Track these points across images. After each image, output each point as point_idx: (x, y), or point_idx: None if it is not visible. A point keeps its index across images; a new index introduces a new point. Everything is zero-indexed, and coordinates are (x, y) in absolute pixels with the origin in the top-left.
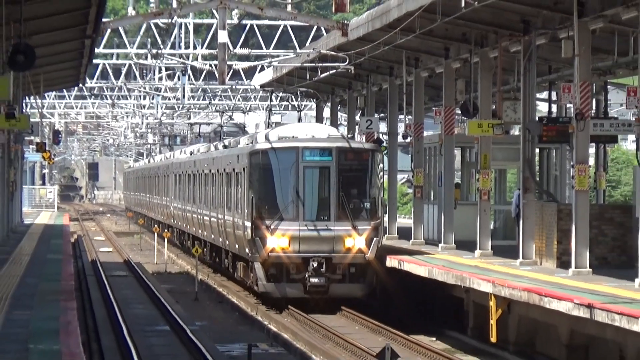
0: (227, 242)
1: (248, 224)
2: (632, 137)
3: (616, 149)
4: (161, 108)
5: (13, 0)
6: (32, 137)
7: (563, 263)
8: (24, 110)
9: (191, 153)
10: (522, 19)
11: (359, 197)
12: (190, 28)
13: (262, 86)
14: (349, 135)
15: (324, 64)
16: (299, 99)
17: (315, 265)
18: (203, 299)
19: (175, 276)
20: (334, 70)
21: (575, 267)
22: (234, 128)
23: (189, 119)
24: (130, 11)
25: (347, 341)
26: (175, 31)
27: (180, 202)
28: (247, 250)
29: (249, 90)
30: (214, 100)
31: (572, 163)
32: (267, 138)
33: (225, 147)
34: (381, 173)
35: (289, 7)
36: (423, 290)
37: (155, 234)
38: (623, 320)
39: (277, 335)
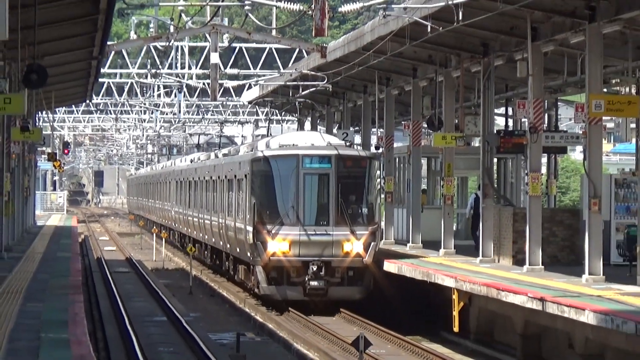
0: (228, 245)
1: (250, 228)
2: (579, 148)
3: (566, 159)
4: (159, 122)
5: (27, 25)
6: (44, 148)
7: (518, 261)
8: (37, 124)
9: (191, 161)
10: (481, 43)
11: (357, 203)
12: (186, 50)
13: (249, 102)
14: (347, 144)
15: (305, 83)
16: (298, 111)
17: (314, 268)
18: (197, 293)
19: (172, 272)
20: (314, 88)
21: (529, 265)
22: (224, 140)
23: (185, 131)
24: (132, 35)
25: (326, 330)
26: (172, 53)
27: (182, 207)
28: (248, 254)
29: (238, 105)
30: (207, 114)
31: (526, 171)
32: (268, 146)
33: (225, 155)
34: (378, 179)
35: (274, 32)
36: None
37: (154, 234)
38: (572, 311)
39: (263, 325)
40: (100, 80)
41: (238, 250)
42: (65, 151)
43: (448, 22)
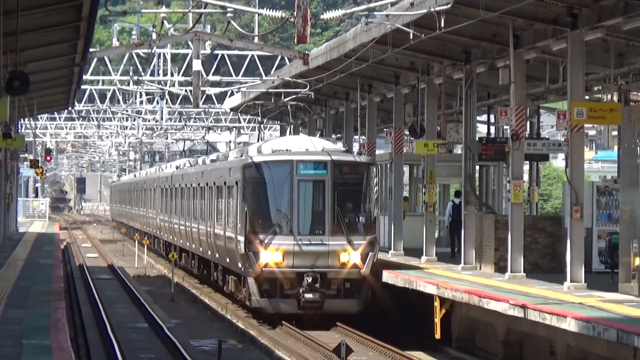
0: (217, 255)
1: (241, 238)
2: (562, 155)
3: (548, 166)
4: (142, 129)
5: (10, 32)
6: (27, 155)
7: (500, 268)
8: (19, 131)
9: (177, 167)
10: (464, 50)
11: (354, 211)
12: (168, 57)
13: (231, 109)
14: (344, 149)
15: (287, 90)
16: (290, 116)
17: (309, 280)
18: (178, 300)
19: (153, 279)
20: (296, 95)
21: (511, 272)
22: (205, 147)
23: (167, 138)
24: (115, 42)
25: (308, 337)
26: (155, 60)
27: (168, 214)
28: (239, 265)
29: (221, 113)
30: (189, 122)
31: (508, 178)
32: (259, 151)
33: (213, 161)
34: (377, 187)
35: (256, 39)
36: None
37: (136, 241)
38: (553, 319)
39: (245, 332)
40: (83, 87)
41: (228, 260)
42: (48, 158)
43: (430, 29)
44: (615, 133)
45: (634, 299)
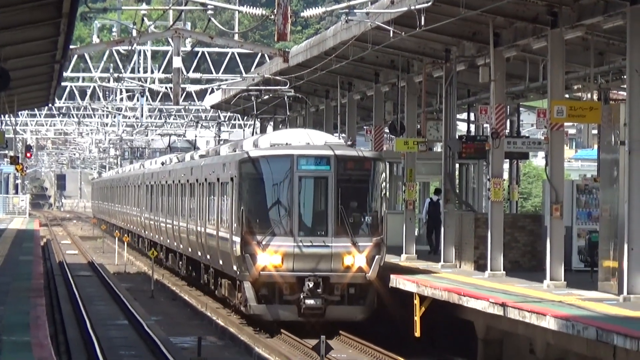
0: (209, 256)
1: (237, 239)
2: (541, 154)
3: (528, 165)
4: (122, 126)
5: None
6: (7, 151)
7: (480, 266)
8: (1, 127)
9: (162, 163)
10: (444, 48)
11: (360, 210)
12: (148, 54)
13: (212, 106)
14: (349, 143)
15: (267, 87)
16: (287, 108)
17: (311, 285)
18: (158, 297)
19: (133, 276)
20: (276, 93)
21: (491, 270)
22: (185, 144)
23: (147, 135)
24: (95, 39)
25: (287, 335)
26: (135, 57)
27: (152, 212)
28: (234, 268)
29: (201, 110)
30: (169, 119)
31: (488, 177)
32: (256, 145)
33: (202, 156)
34: (384, 184)
35: (236, 36)
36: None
37: (117, 238)
38: (533, 317)
39: (224, 329)
40: (63, 84)
41: (221, 262)
42: (28, 154)
43: (410, 27)
44: (595, 131)
45: (614, 298)
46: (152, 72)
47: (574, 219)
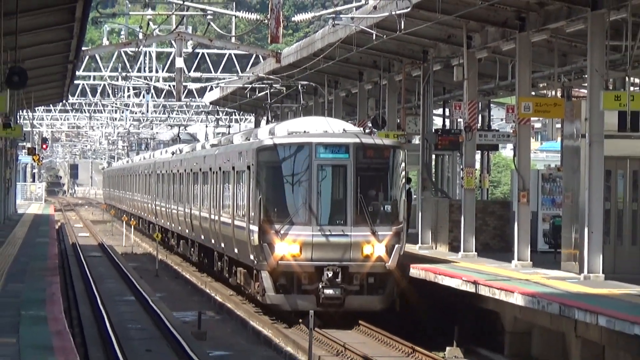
0: (223, 244)
1: (255, 227)
2: (510, 145)
3: (497, 155)
4: (129, 120)
5: (10, 32)
6: (25, 143)
7: (454, 247)
8: (18, 122)
9: (173, 153)
10: (422, 50)
11: (379, 199)
12: (153, 55)
13: (211, 102)
14: (368, 131)
15: (261, 85)
16: (301, 96)
17: (330, 275)
18: (162, 275)
19: (140, 256)
20: (269, 91)
21: (464, 251)
22: (186, 137)
23: (152, 129)
24: (105, 42)
25: (278, 311)
26: (141, 58)
27: (164, 200)
28: (251, 257)
29: (201, 106)
30: (172, 114)
31: (461, 166)
32: (272, 133)
33: (213, 145)
34: (403, 172)
35: (233, 39)
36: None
37: (124, 222)
38: (502, 294)
39: (222, 304)
40: (76, 82)
41: (237, 251)
42: (44, 146)
43: (391, 30)
44: (558, 125)
45: (575, 276)
46: (157, 71)
47: (539, 204)
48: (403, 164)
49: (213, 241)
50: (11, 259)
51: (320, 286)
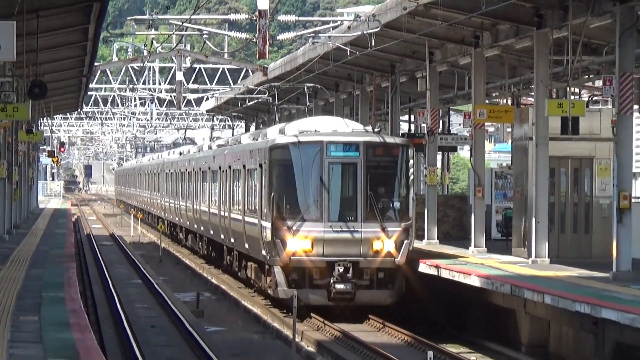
0: (233, 239)
1: (267, 224)
2: (467, 147)
3: (456, 156)
4: (136, 126)
5: (31, 49)
6: (45, 147)
7: (419, 237)
8: (39, 128)
9: (180, 154)
10: (390, 64)
11: (388, 196)
12: (157, 70)
13: (207, 111)
14: (377, 130)
15: (251, 95)
16: (307, 97)
17: (341, 270)
18: (165, 261)
19: (145, 245)
20: (257, 100)
21: (427, 239)
22: (187, 141)
23: (156, 134)
24: (114, 58)
25: (267, 293)
26: (146, 72)
27: (172, 197)
28: (263, 252)
29: (198, 114)
30: (173, 121)
31: (425, 166)
32: (283, 132)
33: (219, 146)
34: (412, 170)
35: (226, 55)
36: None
37: (132, 215)
38: (460, 276)
39: (217, 286)
40: (89, 93)
41: (247, 246)
42: (61, 149)
43: (363, 47)
44: (509, 129)
45: (524, 261)
46: (160, 83)
47: (493, 198)
48: (411, 162)
49: (222, 236)
50: (34, 247)
51: (332, 281)
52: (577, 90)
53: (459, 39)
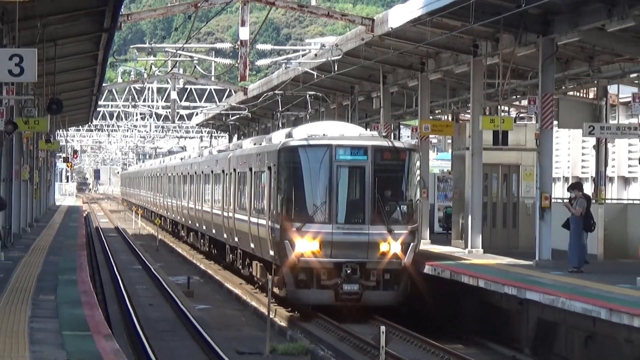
0: (237, 239)
1: (276, 225)
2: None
3: None
4: (137, 137)
5: (49, 72)
6: (61, 154)
7: None
8: (56, 138)
9: (181, 159)
10: (350, 85)
11: (395, 199)
12: (155, 89)
13: (197, 124)
14: (383, 134)
15: (234, 112)
16: (308, 105)
17: (349, 271)
18: (162, 250)
19: (145, 236)
20: (239, 116)
21: None
22: (178, 149)
23: (154, 143)
24: (119, 79)
25: (251, 275)
26: (146, 92)
27: (175, 198)
28: (271, 253)
29: (189, 127)
30: (169, 132)
31: None
32: (290, 136)
33: (220, 151)
34: (418, 173)
35: (213, 78)
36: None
37: (134, 211)
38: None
39: (205, 271)
40: (98, 109)
41: (252, 246)
42: (75, 156)
43: (327, 71)
44: (449, 141)
45: (462, 251)
46: (157, 101)
47: (436, 198)
48: (418, 165)
49: (225, 235)
50: (51, 238)
51: (339, 282)
52: (506, 108)
53: (407, 64)
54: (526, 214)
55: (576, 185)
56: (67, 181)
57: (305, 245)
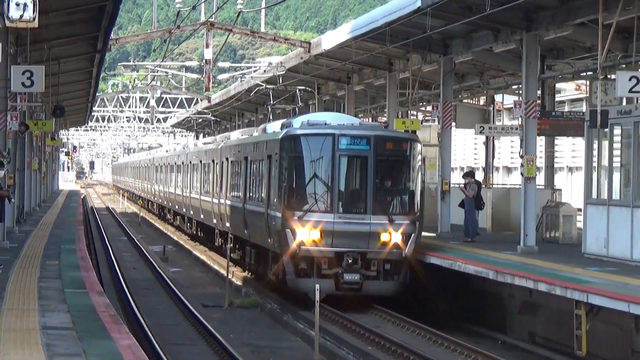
0: (228, 224)
1: (277, 214)
2: None
3: None
4: (123, 136)
5: (54, 84)
6: (63, 149)
7: None
8: (59, 136)
9: (167, 151)
10: (291, 95)
11: (397, 189)
12: (138, 98)
13: (172, 125)
14: (384, 125)
15: (200, 116)
16: (299, 99)
17: (350, 260)
18: (143, 225)
19: (130, 214)
20: (204, 117)
21: None
22: (156, 144)
23: (137, 140)
24: (109, 90)
25: (242, 259)
26: (131, 99)
27: (162, 185)
28: (269, 240)
29: (165, 127)
30: (149, 132)
31: None
32: (289, 125)
33: (205, 143)
34: (420, 164)
35: (184, 89)
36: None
37: (121, 195)
38: None
39: (177, 242)
40: (92, 113)
41: (247, 232)
42: (74, 150)
43: (274, 84)
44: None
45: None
46: (140, 107)
47: None
48: (419, 156)
49: (215, 221)
50: (55, 215)
51: (340, 271)
52: (415, 112)
53: (337, 78)
54: (430, 196)
55: (469, 174)
56: (68, 170)
57: (307, 234)
